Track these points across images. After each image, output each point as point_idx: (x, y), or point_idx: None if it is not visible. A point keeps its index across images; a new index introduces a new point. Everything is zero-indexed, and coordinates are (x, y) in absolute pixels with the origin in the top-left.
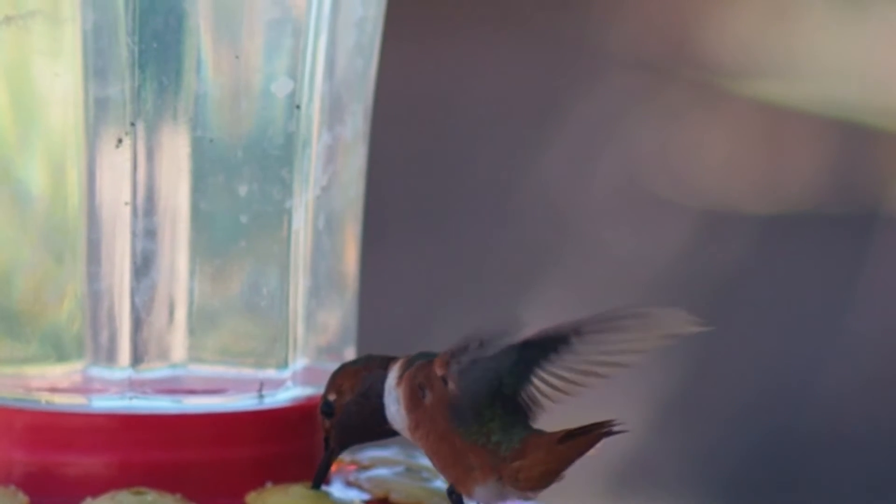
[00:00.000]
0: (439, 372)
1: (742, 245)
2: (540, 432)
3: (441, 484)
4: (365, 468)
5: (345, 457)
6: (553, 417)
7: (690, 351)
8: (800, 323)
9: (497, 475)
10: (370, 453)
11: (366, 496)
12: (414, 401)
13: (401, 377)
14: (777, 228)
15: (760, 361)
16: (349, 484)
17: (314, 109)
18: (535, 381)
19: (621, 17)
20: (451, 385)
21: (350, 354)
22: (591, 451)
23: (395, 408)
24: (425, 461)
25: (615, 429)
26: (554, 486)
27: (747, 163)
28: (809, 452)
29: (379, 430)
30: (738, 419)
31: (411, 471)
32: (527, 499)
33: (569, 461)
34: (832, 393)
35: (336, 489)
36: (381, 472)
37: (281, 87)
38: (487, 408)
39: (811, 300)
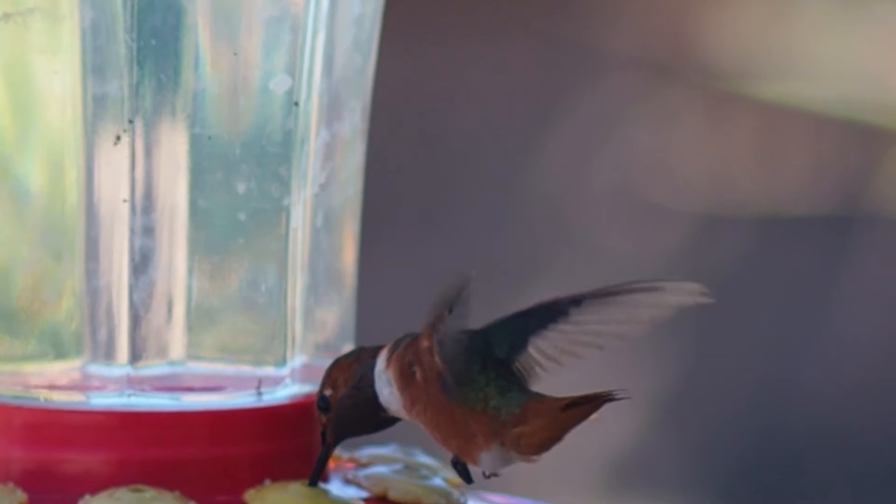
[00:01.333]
0: (426, 344)
1: (740, 246)
2: (539, 396)
3: (440, 481)
4: (363, 466)
5: (343, 454)
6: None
7: (687, 349)
8: (796, 322)
9: (499, 440)
10: (368, 451)
11: (364, 494)
12: (406, 379)
13: (389, 359)
14: (775, 229)
15: (757, 360)
16: (348, 481)
17: (312, 106)
18: (531, 350)
19: (619, 18)
20: (437, 356)
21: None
22: (592, 417)
23: (387, 390)
24: (424, 458)
25: (617, 396)
26: (552, 482)
27: (745, 164)
28: (805, 450)
29: (375, 419)
30: (734, 417)
31: (410, 468)
32: (529, 462)
33: (570, 427)
34: (828, 391)
35: (334, 487)
36: (380, 469)
37: (279, 84)
38: (480, 373)
39: (809, 300)
